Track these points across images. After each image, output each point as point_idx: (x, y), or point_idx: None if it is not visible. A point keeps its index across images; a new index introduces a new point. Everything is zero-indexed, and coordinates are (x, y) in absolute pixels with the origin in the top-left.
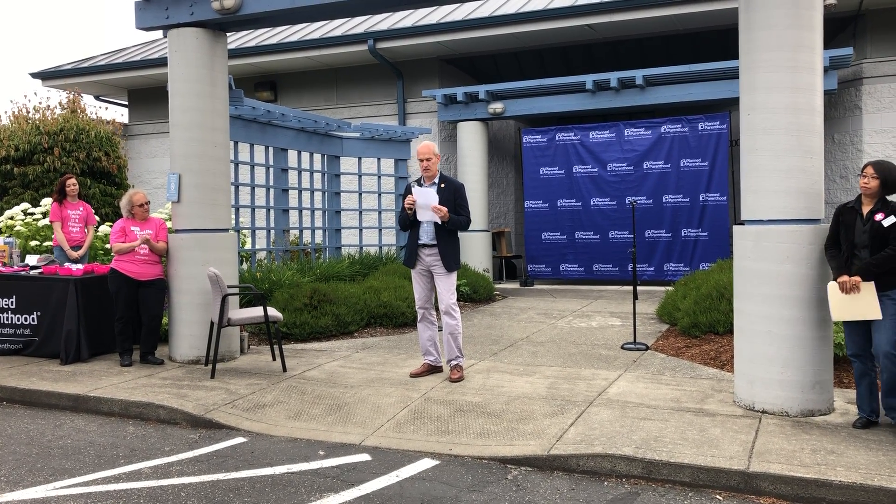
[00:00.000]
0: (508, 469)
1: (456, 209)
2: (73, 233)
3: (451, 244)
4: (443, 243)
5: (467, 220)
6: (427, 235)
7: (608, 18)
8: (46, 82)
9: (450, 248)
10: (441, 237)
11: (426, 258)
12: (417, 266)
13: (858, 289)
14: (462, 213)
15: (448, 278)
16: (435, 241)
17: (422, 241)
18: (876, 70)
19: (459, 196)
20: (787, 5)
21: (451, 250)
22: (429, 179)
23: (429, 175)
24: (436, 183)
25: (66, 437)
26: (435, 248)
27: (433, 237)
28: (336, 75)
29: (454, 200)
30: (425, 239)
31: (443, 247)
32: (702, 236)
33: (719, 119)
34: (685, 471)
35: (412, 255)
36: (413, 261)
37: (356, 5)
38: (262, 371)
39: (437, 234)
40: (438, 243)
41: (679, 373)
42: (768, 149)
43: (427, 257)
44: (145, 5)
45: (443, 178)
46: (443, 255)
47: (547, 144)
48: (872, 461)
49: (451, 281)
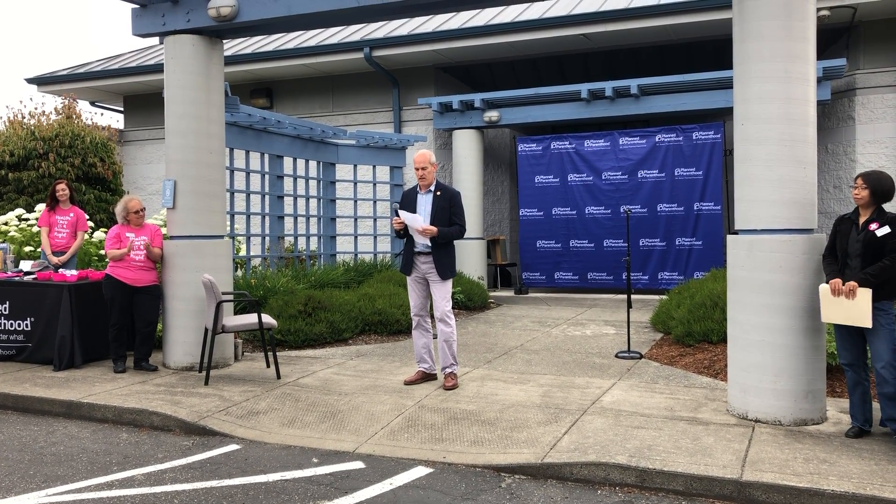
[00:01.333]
0: (502, 477)
1: (450, 217)
2: (59, 238)
3: (447, 253)
4: (438, 252)
5: (460, 230)
6: (422, 243)
7: (603, 28)
8: (42, 88)
9: (445, 256)
10: (435, 245)
11: (422, 266)
12: (413, 273)
13: (854, 294)
14: (457, 220)
15: (443, 286)
16: (430, 250)
17: (417, 248)
18: (869, 81)
19: (455, 204)
20: (780, 17)
21: (447, 259)
22: (424, 188)
23: (424, 184)
24: (431, 191)
25: (59, 444)
26: (430, 257)
27: (428, 245)
28: (332, 83)
29: (449, 208)
30: (421, 247)
31: (438, 255)
32: (696, 245)
33: (713, 129)
34: (679, 479)
35: (408, 263)
36: (409, 268)
37: (352, 14)
38: (257, 378)
39: (433, 243)
40: (433, 251)
41: (673, 381)
42: (762, 158)
43: (422, 265)
44: (142, 12)
45: (439, 185)
46: (438, 263)
47: (542, 153)
48: (865, 470)
49: (446, 289)
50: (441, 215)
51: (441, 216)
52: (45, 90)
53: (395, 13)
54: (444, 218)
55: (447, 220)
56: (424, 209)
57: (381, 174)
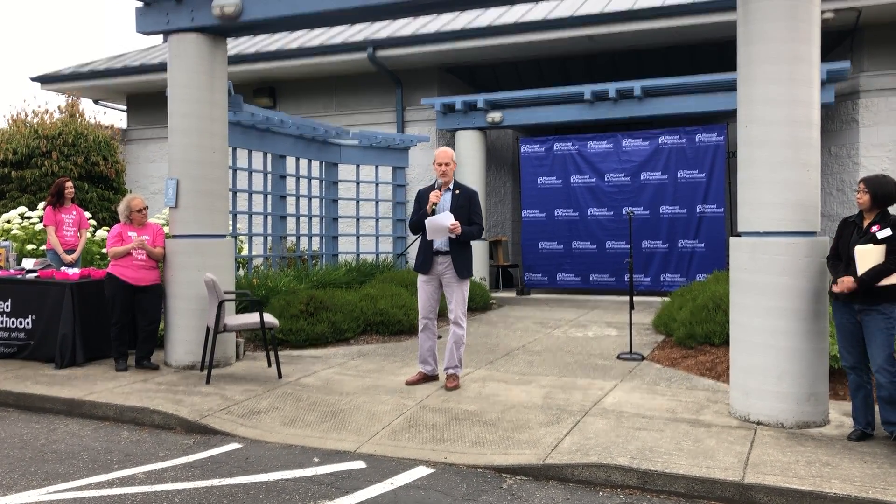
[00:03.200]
0: (503, 478)
1: (470, 216)
2: (68, 237)
3: (465, 252)
4: (456, 251)
5: (480, 230)
6: (441, 241)
7: (607, 29)
8: (46, 86)
9: (462, 256)
10: (454, 244)
11: (439, 265)
12: (430, 273)
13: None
14: (476, 220)
15: (460, 287)
16: (448, 248)
17: (436, 247)
18: (873, 84)
19: (474, 203)
20: (785, 19)
21: (464, 258)
22: (445, 185)
23: (446, 180)
24: (450, 189)
25: (61, 442)
26: (448, 256)
27: (447, 244)
28: (335, 82)
29: (468, 207)
30: (440, 245)
31: (456, 254)
32: (698, 247)
33: (717, 131)
34: (680, 481)
35: (427, 262)
36: (427, 267)
37: (356, 13)
38: (258, 377)
39: (451, 242)
40: (451, 251)
41: (675, 383)
42: (765, 161)
43: (440, 265)
44: (146, 10)
45: (457, 184)
46: (456, 262)
47: (545, 154)
48: (867, 474)
49: (463, 290)
50: (460, 213)
51: (460, 214)
52: (48, 88)
53: (399, 12)
54: (464, 216)
55: (466, 219)
56: (444, 208)
57: (384, 174)
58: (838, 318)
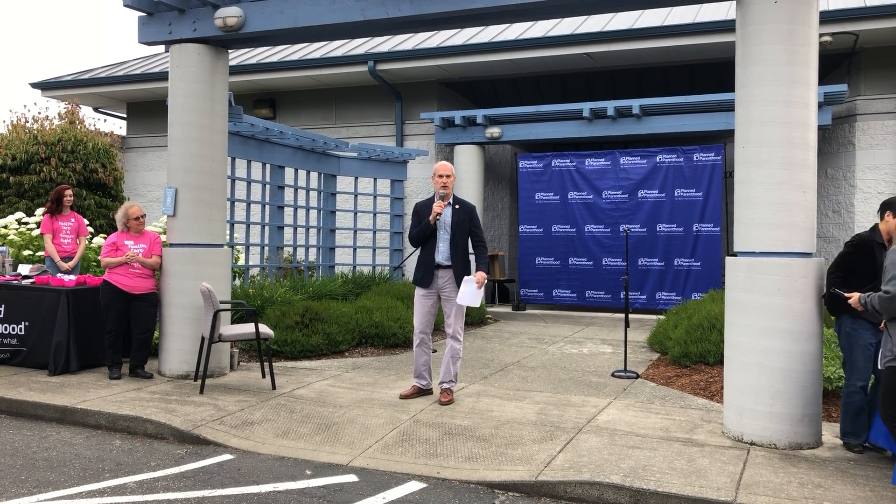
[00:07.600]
0: (496, 494)
1: (471, 230)
2: (65, 244)
3: (465, 265)
4: (457, 264)
5: (485, 248)
6: (442, 255)
7: (607, 48)
8: (46, 93)
9: (464, 271)
10: (456, 258)
11: (440, 280)
12: (430, 287)
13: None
14: (478, 234)
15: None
16: (450, 263)
17: (438, 261)
18: (869, 107)
19: (474, 218)
20: (783, 42)
21: (465, 272)
22: (445, 198)
23: (446, 193)
24: (450, 204)
25: (52, 449)
26: (450, 270)
27: (448, 257)
28: (335, 95)
29: (469, 221)
30: (440, 259)
31: (457, 268)
32: (694, 266)
33: (714, 150)
34: (672, 501)
35: (427, 276)
36: (428, 281)
37: (358, 27)
38: (252, 388)
39: (453, 255)
40: (453, 264)
41: (669, 402)
42: (762, 182)
43: (440, 279)
44: (149, 19)
45: (456, 199)
46: (457, 276)
47: (543, 170)
48: (860, 496)
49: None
50: (461, 228)
51: (461, 229)
52: (49, 95)
53: (400, 28)
54: (465, 231)
55: (467, 234)
56: (444, 222)
57: (382, 187)
58: (866, 339)
